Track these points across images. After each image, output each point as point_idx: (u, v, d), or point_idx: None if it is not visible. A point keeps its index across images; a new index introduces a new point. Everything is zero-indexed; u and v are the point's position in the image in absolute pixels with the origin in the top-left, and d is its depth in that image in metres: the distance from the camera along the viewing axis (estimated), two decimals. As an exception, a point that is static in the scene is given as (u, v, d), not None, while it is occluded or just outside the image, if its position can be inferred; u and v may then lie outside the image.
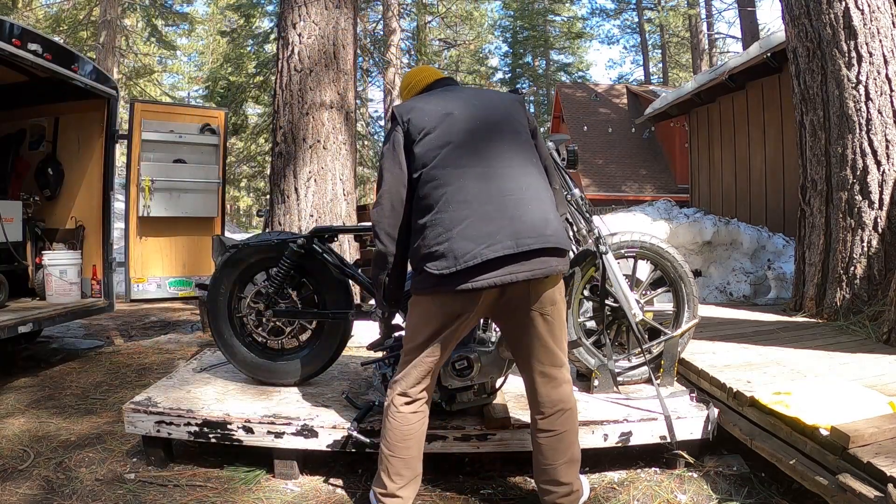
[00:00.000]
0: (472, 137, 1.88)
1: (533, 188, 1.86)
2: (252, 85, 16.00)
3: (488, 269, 1.75)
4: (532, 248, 1.77)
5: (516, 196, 1.82)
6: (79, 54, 4.34)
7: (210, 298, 2.78)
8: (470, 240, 1.75)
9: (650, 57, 29.93)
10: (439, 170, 1.83)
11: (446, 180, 1.82)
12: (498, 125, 1.94)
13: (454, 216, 1.78)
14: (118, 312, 6.10)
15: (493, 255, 1.74)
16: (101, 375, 3.89)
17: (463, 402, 2.31)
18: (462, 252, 1.74)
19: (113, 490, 2.23)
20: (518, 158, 1.90)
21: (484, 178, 1.82)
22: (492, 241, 1.74)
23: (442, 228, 1.78)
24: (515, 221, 1.78)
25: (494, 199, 1.80)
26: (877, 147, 3.80)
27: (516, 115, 1.99)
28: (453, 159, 1.84)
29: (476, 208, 1.78)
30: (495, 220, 1.77)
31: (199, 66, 29.63)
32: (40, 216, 4.80)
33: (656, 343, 2.70)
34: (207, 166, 5.35)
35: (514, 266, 1.77)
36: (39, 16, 17.83)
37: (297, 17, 4.68)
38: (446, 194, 1.80)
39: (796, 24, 4.22)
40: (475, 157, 1.85)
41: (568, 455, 1.93)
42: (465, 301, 1.82)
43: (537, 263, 1.79)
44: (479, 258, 1.73)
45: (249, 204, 27.06)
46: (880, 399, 2.11)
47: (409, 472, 1.90)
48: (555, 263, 1.84)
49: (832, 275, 3.98)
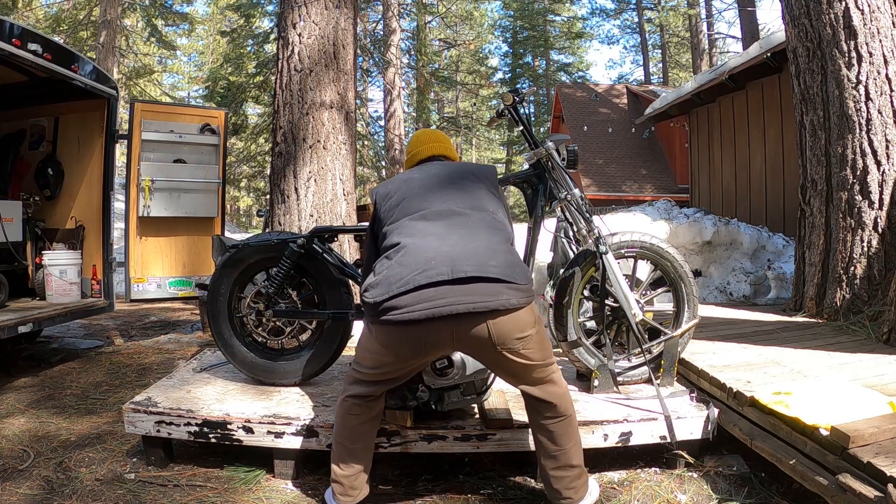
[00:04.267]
0: (426, 189, 1.97)
1: (484, 225, 1.87)
2: (252, 85, 16.02)
3: (423, 300, 1.68)
4: (468, 274, 1.69)
5: (463, 230, 1.82)
6: (79, 54, 4.35)
7: (210, 298, 2.78)
8: (404, 266, 1.73)
9: (650, 57, 29.94)
10: (394, 223, 1.91)
11: (397, 228, 1.88)
12: (453, 177, 2.02)
13: (396, 250, 1.81)
14: (118, 312, 6.11)
15: (424, 281, 1.68)
16: (101, 375, 3.89)
17: (453, 402, 2.28)
18: (395, 278, 1.72)
19: (113, 490, 2.23)
20: (472, 202, 1.93)
21: (432, 218, 1.87)
22: (426, 268, 1.70)
23: (385, 260, 1.82)
24: (455, 249, 1.74)
25: (439, 232, 1.81)
26: (877, 147, 3.80)
27: (480, 172, 2.08)
28: (404, 210, 1.93)
29: (417, 241, 1.79)
30: (433, 248, 1.75)
31: (199, 66, 29.66)
32: (40, 216, 4.80)
33: (656, 343, 2.70)
34: (207, 166, 5.36)
35: (452, 296, 1.68)
36: (39, 16, 17.84)
37: (297, 17, 4.68)
38: (394, 237, 1.85)
39: (796, 24, 4.22)
40: (426, 203, 1.91)
41: (575, 438, 1.96)
42: (406, 341, 1.77)
43: (479, 295, 1.69)
44: (410, 284, 1.69)
45: (249, 204, 27.06)
46: (880, 399, 2.11)
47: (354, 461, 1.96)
48: (504, 297, 1.71)
49: (832, 275, 3.98)
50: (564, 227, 2.78)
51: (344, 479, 1.95)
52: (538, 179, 2.66)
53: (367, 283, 1.82)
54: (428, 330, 1.73)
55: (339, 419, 1.98)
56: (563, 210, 2.67)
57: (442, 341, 1.78)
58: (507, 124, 17.94)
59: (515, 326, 1.76)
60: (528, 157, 2.70)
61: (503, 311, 1.73)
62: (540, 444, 1.96)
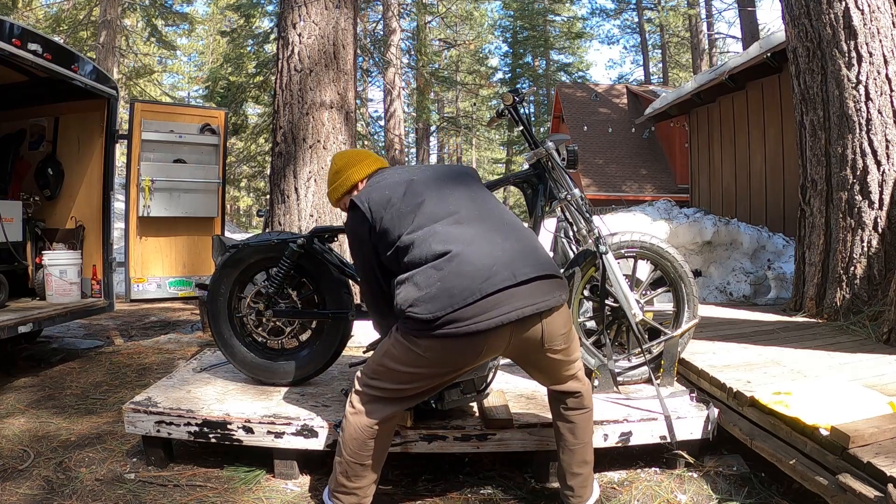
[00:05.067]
0: (441, 192, 1.88)
1: (513, 224, 1.88)
2: (252, 85, 16.02)
3: (489, 309, 1.64)
4: (529, 276, 1.70)
5: (501, 233, 1.80)
6: (79, 54, 4.34)
7: (210, 298, 2.78)
8: (465, 276, 1.65)
9: (650, 57, 29.95)
10: (418, 231, 1.78)
11: (428, 235, 1.76)
12: (460, 177, 2.02)
13: (448, 259, 1.69)
14: (118, 312, 6.11)
15: (491, 289, 1.64)
16: (101, 375, 3.89)
17: (452, 401, 2.24)
18: (458, 289, 1.64)
19: (113, 490, 2.23)
20: (490, 201, 1.94)
21: (468, 222, 1.80)
22: (490, 275, 1.66)
23: (433, 271, 1.69)
24: (507, 253, 1.73)
25: (483, 236, 1.76)
26: (877, 147, 3.80)
27: (471, 172, 2.11)
28: (430, 216, 1.81)
29: (465, 248, 1.71)
30: (488, 254, 1.70)
31: (199, 66, 29.66)
32: (40, 216, 4.80)
33: (656, 343, 2.70)
34: (207, 166, 5.36)
35: (517, 301, 1.67)
36: (39, 16, 17.85)
37: (297, 17, 4.68)
38: (434, 246, 1.74)
39: (796, 24, 4.22)
40: (450, 206, 1.84)
41: (591, 433, 2.00)
42: (465, 352, 1.70)
43: (539, 294, 1.71)
44: (477, 294, 1.63)
45: (249, 204, 27.08)
46: (880, 399, 2.11)
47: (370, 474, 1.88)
48: (558, 293, 1.77)
49: (832, 275, 3.98)
50: (564, 227, 2.78)
51: (358, 490, 1.87)
52: (538, 179, 2.66)
53: (415, 297, 1.67)
54: (490, 338, 1.69)
55: (356, 443, 1.84)
56: (563, 210, 2.67)
57: (499, 348, 1.75)
58: (507, 124, 17.92)
59: (562, 322, 1.81)
60: (528, 157, 2.70)
61: (557, 307, 1.78)
62: (561, 438, 1.98)
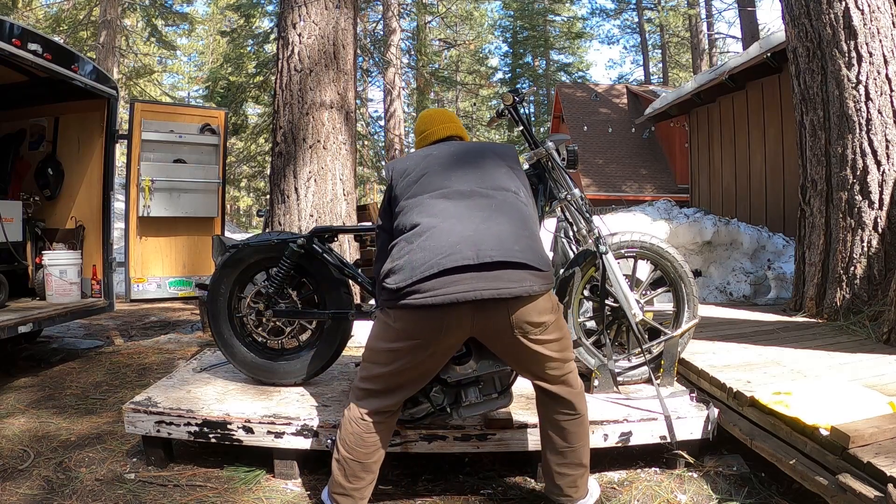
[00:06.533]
0: (447, 167, 1.91)
1: (507, 207, 1.82)
2: (252, 85, 16.02)
3: (448, 285, 1.66)
4: (494, 259, 1.66)
5: (485, 213, 1.76)
6: (79, 54, 4.34)
7: (210, 298, 2.78)
8: (428, 250, 1.69)
9: (650, 57, 29.95)
10: (411, 199, 1.86)
11: (415, 205, 1.83)
12: (474, 155, 1.97)
13: (417, 232, 1.75)
14: (118, 312, 6.11)
15: (450, 265, 1.65)
16: (101, 375, 3.89)
17: (471, 404, 2.09)
18: (419, 262, 1.68)
19: (113, 490, 2.23)
20: (494, 182, 1.88)
21: (454, 197, 1.81)
22: (451, 252, 1.66)
23: (404, 243, 1.76)
24: (480, 233, 1.70)
25: (462, 213, 1.76)
26: (877, 147, 3.80)
27: (500, 151, 2.02)
28: (423, 187, 1.87)
29: (439, 223, 1.74)
30: (457, 232, 1.70)
31: (199, 66, 29.65)
32: (40, 216, 4.80)
33: (656, 343, 2.70)
34: (207, 166, 5.36)
35: (477, 283, 1.66)
36: (39, 16, 17.85)
37: (297, 17, 4.68)
38: (413, 216, 1.80)
39: (796, 24, 4.22)
40: (447, 181, 1.86)
41: (586, 437, 1.95)
42: (426, 324, 1.71)
43: (504, 281, 1.68)
44: (435, 268, 1.65)
45: (249, 204, 27.07)
46: (880, 399, 2.11)
47: (367, 475, 1.88)
48: (528, 283, 1.70)
49: (832, 275, 3.98)
50: (564, 227, 2.78)
51: (355, 491, 1.87)
52: (538, 179, 2.67)
53: (387, 269, 1.75)
54: (449, 314, 1.69)
55: (353, 438, 1.86)
56: (563, 210, 2.67)
57: (462, 326, 1.73)
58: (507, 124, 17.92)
59: (534, 311, 1.75)
60: (528, 157, 2.70)
61: (526, 297, 1.72)
62: (548, 439, 1.94)
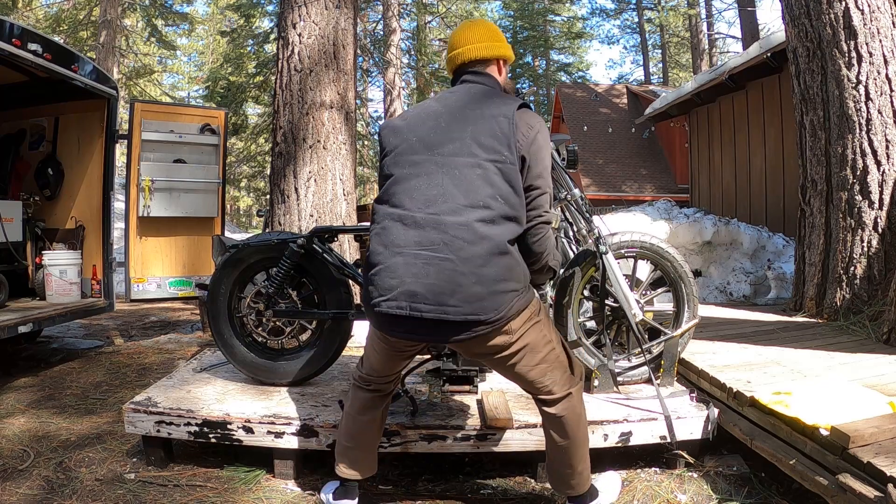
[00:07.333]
0: (416, 165, 1.74)
1: (463, 239, 1.63)
2: (252, 85, 16.03)
3: (390, 324, 1.71)
4: (425, 316, 1.63)
5: (431, 251, 1.64)
6: (79, 54, 4.34)
7: (210, 298, 2.78)
8: (375, 286, 1.70)
9: (650, 57, 29.96)
10: (378, 209, 1.79)
11: (379, 218, 1.76)
12: (459, 132, 1.72)
13: (371, 260, 1.74)
14: (118, 312, 6.10)
15: (386, 310, 1.67)
16: (101, 375, 3.89)
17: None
18: (374, 295, 1.71)
19: (113, 490, 2.23)
20: (464, 196, 1.66)
21: (407, 223, 1.69)
22: (389, 297, 1.67)
23: (371, 253, 1.75)
24: (418, 280, 1.64)
25: (408, 246, 1.67)
26: (877, 147, 3.80)
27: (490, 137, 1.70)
28: (389, 194, 1.76)
29: (386, 259, 1.69)
30: (399, 274, 1.66)
31: (199, 66, 29.64)
32: (40, 216, 4.80)
33: (656, 343, 2.70)
34: (207, 166, 5.36)
35: (416, 328, 1.68)
36: (39, 16, 17.86)
37: (297, 17, 4.68)
38: (374, 235, 1.75)
39: (796, 24, 4.22)
40: (408, 196, 1.71)
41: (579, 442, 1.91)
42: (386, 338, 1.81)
43: (441, 330, 1.66)
44: (376, 307, 1.70)
45: (249, 204, 27.08)
46: (880, 399, 2.11)
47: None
48: (465, 334, 1.65)
49: (832, 275, 3.98)
50: (564, 227, 2.78)
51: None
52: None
53: (365, 263, 1.78)
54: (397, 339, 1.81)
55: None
56: (563, 210, 2.67)
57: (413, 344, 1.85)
58: (507, 124, 17.85)
59: (484, 349, 1.74)
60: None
61: (466, 340, 1.69)
62: (549, 439, 1.93)
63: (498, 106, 1.74)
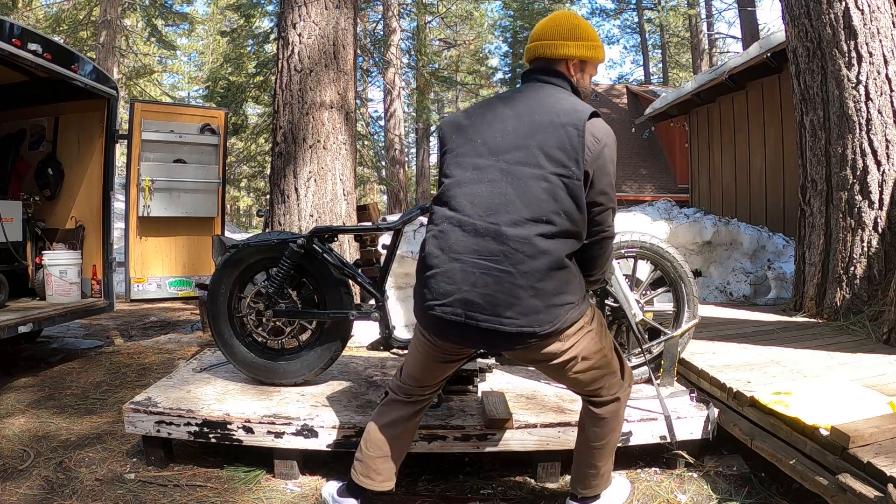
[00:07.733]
0: (481, 163, 1.71)
1: (522, 252, 1.61)
2: (252, 85, 16.01)
3: (443, 328, 1.72)
4: (480, 326, 1.64)
5: (489, 261, 1.63)
6: (79, 54, 4.34)
7: (210, 298, 2.78)
8: (430, 290, 1.69)
9: (650, 57, 29.94)
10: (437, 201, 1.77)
11: (435, 219, 1.75)
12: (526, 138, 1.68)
13: (425, 263, 1.72)
14: (118, 312, 6.10)
15: (440, 315, 1.67)
16: (101, 375, 3.89)
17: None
18: (428, 297, 1.70)
19: (113, 490, 2.23)
20: (527, 209, 1.63)
21: (466, 228, 1.67)
22: (445, 303, 1.67)
23: (428, 255, 1.72)
24: (476, 289, 1.63)
25: (466, 253, 1.65)
26: (877, 147, 3.80)
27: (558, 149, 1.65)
28: (449, 190, 1.73)
29: (443, 264, 1.67)
30: (457, 280, 1.65)
31: (199, 66, 29.63)
32: (40, 216, 4.80)
33: (656, 343, 2.70)
34: (207, 166, 5.35)
35: (471, 335, 1.69)
36: (39, 16, 17.85)
37: (297, 17, 4.68)
38: (429, 232, 1.75)
39: (796, 24, 4.23)
40: (469, 197, 1.69)
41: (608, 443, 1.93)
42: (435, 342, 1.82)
43: (492, 341, 1.69)
44: (428, 310, 1.70)
45: (249, 204, 27.07)
46: (880, 399, 2.11)
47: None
48: (521, 343, 1.67)
49: (832, 275, 3.98)
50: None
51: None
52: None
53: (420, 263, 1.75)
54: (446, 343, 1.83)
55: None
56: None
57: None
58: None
59: (538, 356, 1.75)
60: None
61: (521, 348, 1.71)
62: (579, 434, 1.97)
63: (568, 114, 1.68)
